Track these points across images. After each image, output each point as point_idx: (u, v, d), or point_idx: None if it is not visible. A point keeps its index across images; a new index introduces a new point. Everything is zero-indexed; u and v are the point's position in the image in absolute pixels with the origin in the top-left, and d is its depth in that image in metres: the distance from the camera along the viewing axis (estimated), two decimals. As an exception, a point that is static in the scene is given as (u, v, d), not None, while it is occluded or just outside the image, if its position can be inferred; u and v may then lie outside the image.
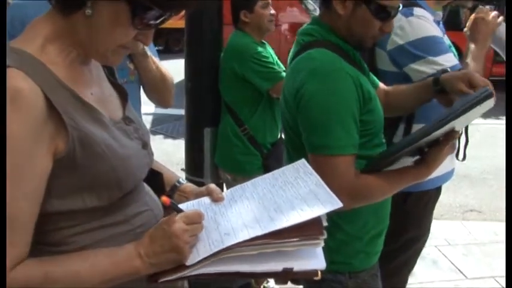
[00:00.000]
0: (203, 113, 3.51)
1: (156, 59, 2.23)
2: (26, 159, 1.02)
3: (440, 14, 2.43)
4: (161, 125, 8.12)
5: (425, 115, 2.15)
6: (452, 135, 1.61)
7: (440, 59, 2.11)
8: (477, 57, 2.24)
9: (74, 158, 1.08)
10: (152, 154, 1.37)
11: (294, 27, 10.59)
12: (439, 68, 2.05)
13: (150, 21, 1.12)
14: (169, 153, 6.33)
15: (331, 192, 1.22)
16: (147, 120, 7.62)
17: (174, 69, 3.53)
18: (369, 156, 1.71)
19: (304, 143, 1.68)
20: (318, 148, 1.63)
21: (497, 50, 2.53)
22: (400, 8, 1.77)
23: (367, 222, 1.79)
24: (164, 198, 1.17)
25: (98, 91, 1.24)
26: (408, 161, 1.70)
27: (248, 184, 1.40)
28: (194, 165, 3.59)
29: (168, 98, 2.34)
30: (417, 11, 2.19)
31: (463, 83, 1.66)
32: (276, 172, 1.42)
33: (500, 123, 7.94)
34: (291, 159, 1.71)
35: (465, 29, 2.35)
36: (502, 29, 2.40)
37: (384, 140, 1.84)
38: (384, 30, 1.75)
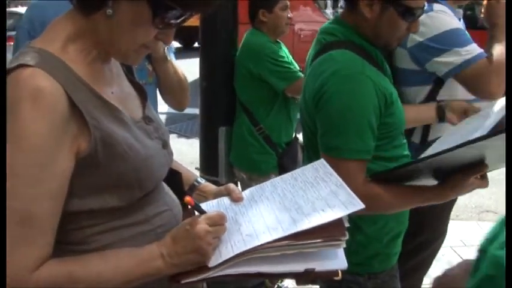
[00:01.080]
0: (218, 112, 3.52)
1: (174, 62, 2.23)
2: (48, 159, 1.02)
3: (460, 11, 2.40)
4: (175, 124, 8.14)
5: None
6: (480, 167, 1.54)
7: (465, 49, 2.09)
8: (500, 38, 2.19)
9: (96, 157, 1.08)
10: (172, 154, 1.36)
11: (307, 26, 10.58)
12: (467, 57, 2.05)
13: (171, 21, 1.12)
14: (184, 153, 6.33)
15: (352, 193, 1.20)
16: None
17: (191, 67, 3.52)
18: (388, 157, 1.70)
19: (319, 142, 1.67)
20: (330, 149, 1.63)
21: None
22: (425, 7, 1.75)
23: (386, 224, 1.77)
24: (188, 199, 1.17)
25: (118, 90, 1.24)
26: (432, 182, 1.65)
27: (267, 184, 1.39)
28: (209, 164, 3.59)
29: (184, 102, 2.34)
30: (437, 6, 2.18)
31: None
32: (295, 172, 1.41)
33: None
34: (311, 160, 1.70)
35: (482, 16, 2.31)
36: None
37: (404, 141, 1.82)
38: (411, 30, 1.74)
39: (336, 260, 1.17)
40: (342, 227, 1.15)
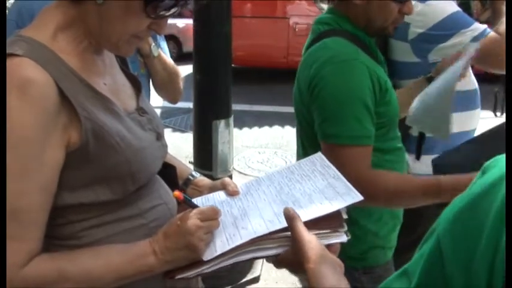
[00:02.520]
0: (212, 106, 3.50)
1: (164, 55, 2.20)
2: (38, 151, 0.99)
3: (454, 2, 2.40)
4: (170, 118, 8.12)
5: None
6: None
7: (470, 28, 2.07)
8: (503, 9, 2.18)
9: (87, 149, 1.06)
10: (166, 146, 1.34)
11: (302, 20, 10.57)
12: (474, 34, 2.04)
13: (163, 11, 1.09)
14: (178, 147, 6.32)
15: (350, 185, 1.19)
16: (154, 113, 7.62)
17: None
18: (385, 149, 1.68)
19: (317, 130, 1.65)
20: (329, 136, 1.61)
21: None
22: None
23: (381, 217, 1.76)
24: (177, 193, 1.15)
25: (111, 81, 1.21)
26: None
27: (264, 178, 1.37)
28: (203, 159, 3.58)
29: (176, 95, 2.33)
30: None
31: None
32: (292, 165, 1.39)
33: None
34: (306, 152, 1.68)
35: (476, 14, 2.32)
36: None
37: (399, 134, 1.81)
38: (404, 12, 1.71)
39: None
40: (340, 218, 1.14)
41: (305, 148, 1.79)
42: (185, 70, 5.16)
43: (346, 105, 1.57)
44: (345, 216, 1.15)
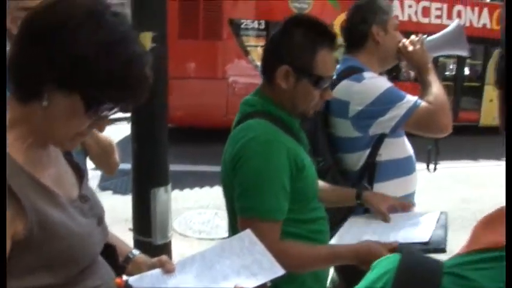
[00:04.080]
0: (150, 174, 3.57)
1: (95, 131, 2.22)
2: None
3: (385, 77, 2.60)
4: (110, 181, 8.04)
5: (386, 173, 2.39)
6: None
7: (404, 101, 2.27)
8: (430, 80, 2.40)
9: (32, 239, 1.12)
10: (107, 229, 1.42)
11: (241, 79, 10.84)
12: (409, 105, 2.24)
13: (104, 113, 1.19)
14: (118, 210, 6.24)
15: (274, 261, 1.35)
16: (95, 176, 7.55)
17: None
18: (307, 220, 1.84)
19: (235, 204, 1.79)
20: (245, 210, 1.75)
21: (449, 53, 2.74)
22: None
23: (304, 282, 1.86)
24: (118, 281, 1.25)
25: (55, 171, 1.28)
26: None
27: (197, 255, 1.50)
28: (142, 225, 3.63)
29: (112, 169, 2.35)
30: (366, 74, 2.36)
31: (384, 204, 2.00)
32: (223, 242, 1.55)
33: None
34: (233, 227, 1.82)
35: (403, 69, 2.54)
36: (428, 41, 2.53)
37: (319, 204, 1.96)
38: (325, 98, 1.88)
39: None
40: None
41: (232, 222, 1.91)
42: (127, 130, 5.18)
43: (263, 182, 1.72)
44: (269, 284, 1.30)
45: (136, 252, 1.59)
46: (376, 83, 2.34)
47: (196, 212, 6.59)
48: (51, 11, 1.15)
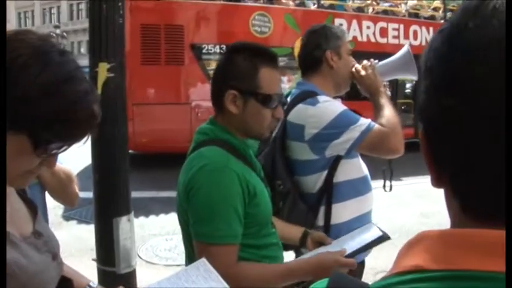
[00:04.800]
0: (112, 204, 3.56)
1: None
2: None
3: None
4: (75, 210, 7.95)
5: (343, 194, 2.45)
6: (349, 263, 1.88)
7: (358, 124, 2.33)
8: (382, 104, 2.47)
9: None
10: (62, 263, 1.44)
11: (204, 103, 10.87)
12: (362, 128, 2.31)
13: (52, 151, 1.21)
14: (83, 239, 6.22)
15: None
16: (59, 205, 7.50)
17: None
18: (260, 245, 1.89)
19: (191, 230, 1.83)
20: (200, 235, 1.79)
21: (400, 77, 2.82)
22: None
23: None
24: None
25: (8, 208, 1.27)
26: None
27: (155, 285, 1.54)
28: (105, 255, 3.61)
29: (72, 201, 2.29)
30: (321, 98, 2.42)
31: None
32: (179, 271, 1.58)
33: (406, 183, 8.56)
34: (189, 253, 1.85)
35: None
36: (379, 66, 2.62)
37: (273, 230, 2.01)
38: (277, 117, 1.93)
39: None
40: None
41: (188, 249, 1.95)
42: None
43: (216, 208, 1.76)
44: None
45: (94, 284, 1.61)
46: (330, 106, 2.40)
47: (163, 238, 6.56)
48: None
